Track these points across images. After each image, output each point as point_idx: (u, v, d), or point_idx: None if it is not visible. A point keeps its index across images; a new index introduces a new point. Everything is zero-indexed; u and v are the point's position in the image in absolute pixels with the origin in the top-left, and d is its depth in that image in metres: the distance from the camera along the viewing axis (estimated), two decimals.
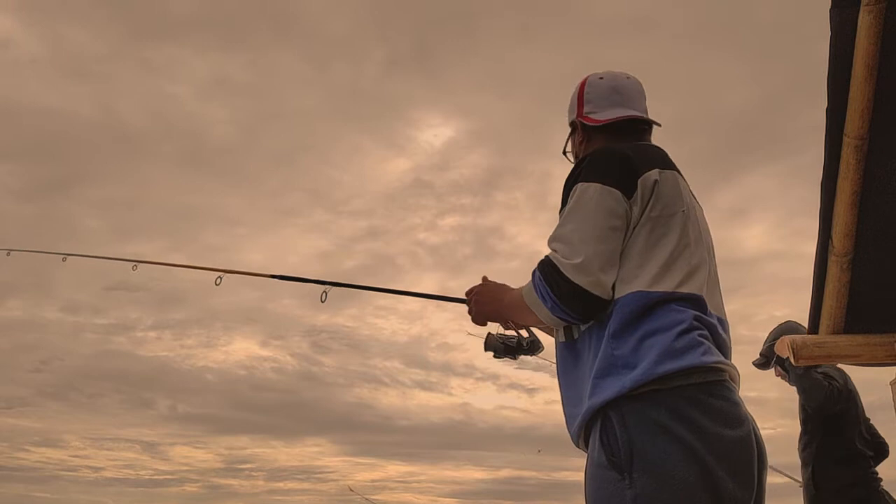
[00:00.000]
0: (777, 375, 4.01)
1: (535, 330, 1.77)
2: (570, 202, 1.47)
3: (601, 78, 1.73)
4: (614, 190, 1.42)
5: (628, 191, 1.43)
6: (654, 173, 1.45)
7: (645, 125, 1.70)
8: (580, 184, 1.46)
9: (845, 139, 2.81)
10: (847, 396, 3.73)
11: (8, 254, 2.66)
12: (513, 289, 1.58)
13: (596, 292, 1.36)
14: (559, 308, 1.39)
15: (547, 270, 1.40)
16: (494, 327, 1.76)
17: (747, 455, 1.30)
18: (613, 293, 1.39)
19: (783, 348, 3.50)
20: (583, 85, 1.74)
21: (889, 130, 2.71)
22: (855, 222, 2.98)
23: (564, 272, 1.36)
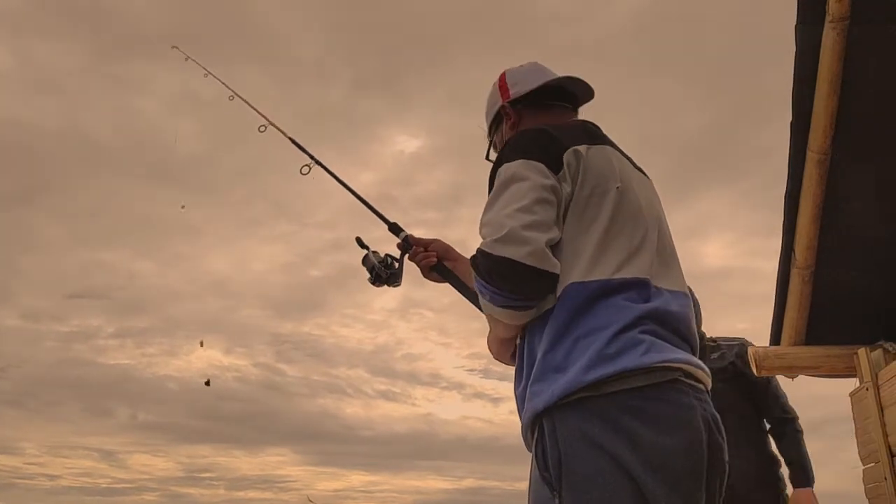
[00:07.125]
0: None
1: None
2: (495, 185, 1.38)
3: (520, 66, 1.72)
4: (538, 164, 1.34)
5: (554, 165, 1.34)
6: (581, 149, 1.37)
7: (569, 104, 1.67)
8: (503, 165, 1.39)
9: (809, 154, 2.86)
10: None
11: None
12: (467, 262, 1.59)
13: (530, 262, 1.22)
14: (498, 294, 1.27)
15: (476, 262, 1.29)
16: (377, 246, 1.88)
17: (691, 464, 1.17)
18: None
19: None
20: (503, 76, 1.71)
21: (852, 146, 2.77)
22: (817, 236, 3.03)
23: (491, 251, 1.24)
